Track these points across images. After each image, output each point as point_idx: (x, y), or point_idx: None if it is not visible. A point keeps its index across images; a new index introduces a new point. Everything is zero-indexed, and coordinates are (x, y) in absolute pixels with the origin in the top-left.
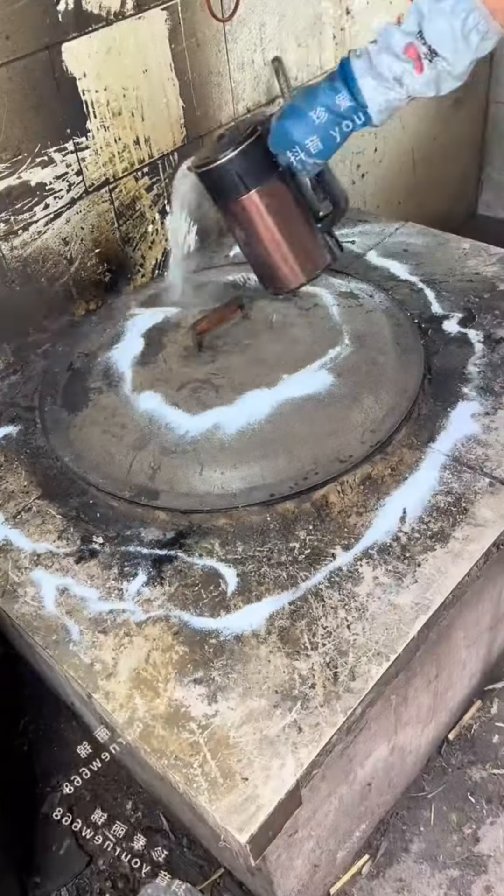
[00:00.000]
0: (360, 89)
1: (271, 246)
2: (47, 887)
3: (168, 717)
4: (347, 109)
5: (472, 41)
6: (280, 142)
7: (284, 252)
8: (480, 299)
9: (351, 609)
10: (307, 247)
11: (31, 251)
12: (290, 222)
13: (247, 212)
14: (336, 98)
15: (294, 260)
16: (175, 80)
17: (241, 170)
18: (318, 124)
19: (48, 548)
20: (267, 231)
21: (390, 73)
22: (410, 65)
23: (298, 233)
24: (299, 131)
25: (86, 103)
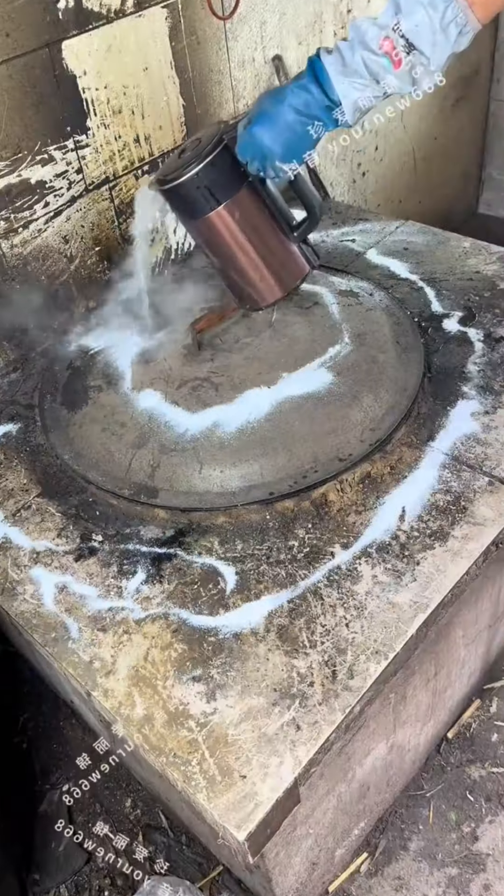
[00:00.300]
0: (333, 87)
1: (244, 262)
2: (46, 884)
3: (167, 715)
4: (320, 109)
5: (451, 34)
6: (249, 149)
7: (258, 268)
8: (480, 298)
9: (350, 607)
10: (282, 260)
11: (31, 249)
12: (262, 235)
13: (216, 228)
14: (307, 98)
15: (269, 276)
16: (175, 78)
17: (207, 184)
18: (288, 127)
19: (47, 545)
20: (238, 247)
21: (365, 69)
22: (386, 60)
23: (272, 246)
24: (269, 136)
25: (86, 101)
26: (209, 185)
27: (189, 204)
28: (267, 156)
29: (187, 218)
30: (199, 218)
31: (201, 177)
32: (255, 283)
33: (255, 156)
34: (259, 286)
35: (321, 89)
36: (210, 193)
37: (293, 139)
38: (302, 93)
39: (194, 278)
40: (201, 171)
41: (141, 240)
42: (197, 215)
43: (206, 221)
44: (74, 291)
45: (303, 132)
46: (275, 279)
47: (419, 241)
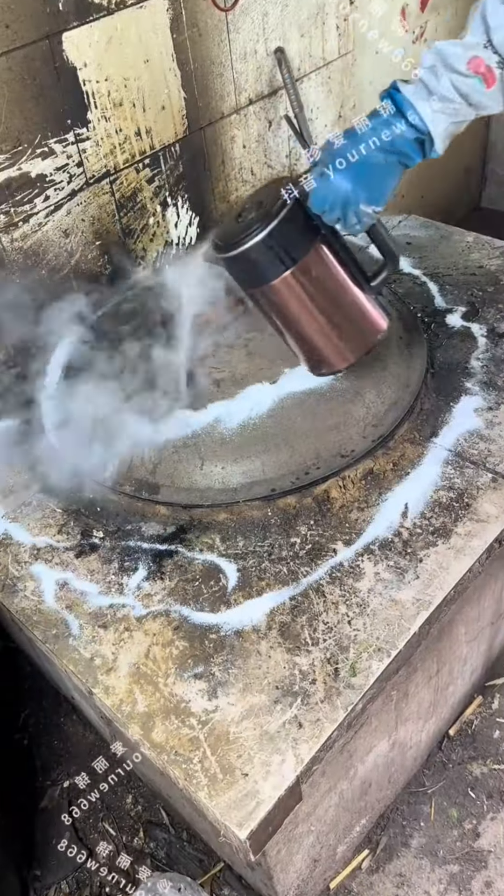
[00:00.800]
0: (420, 116)
1: (314, 329)
2: (47, 880)
3: (168, 712)
4: (406, 143)
5: None
6: (327, 200)
7: (332, 331)
8: (484, 293)
9: (352, 604)
10: (358, 320)
11: (31, 243)
12: (336, 293)
13: (288, 292)
14: (391, 133)
15: (344, 338)
16: (177, 71)
17: (281, 244)
18: (373, 167)
19: (48, 542)
20: (310, 313)
21: (455, 92)
22: (477, 79)
23: (347, 304)
24: (353, 180)
25: (86, 94)
26: (283, 245)
27: (258, 269)
28: (350, 202)
29: (255, 284)
30: (270, 283)
31: (275, 236)
32: (328, 347)
33: (336, 204)
34: (330, 350)
35: (406, 121)
36: (285, 253)
37: (378, 179)
38: (384, 129)
39: None
40: (275, 229)
41: (187, 320)
42: (268, 280)
43: (278, 286)
44: (75, 286)
45: (388, 170)
46: (350, 344)
47: (422, 235)
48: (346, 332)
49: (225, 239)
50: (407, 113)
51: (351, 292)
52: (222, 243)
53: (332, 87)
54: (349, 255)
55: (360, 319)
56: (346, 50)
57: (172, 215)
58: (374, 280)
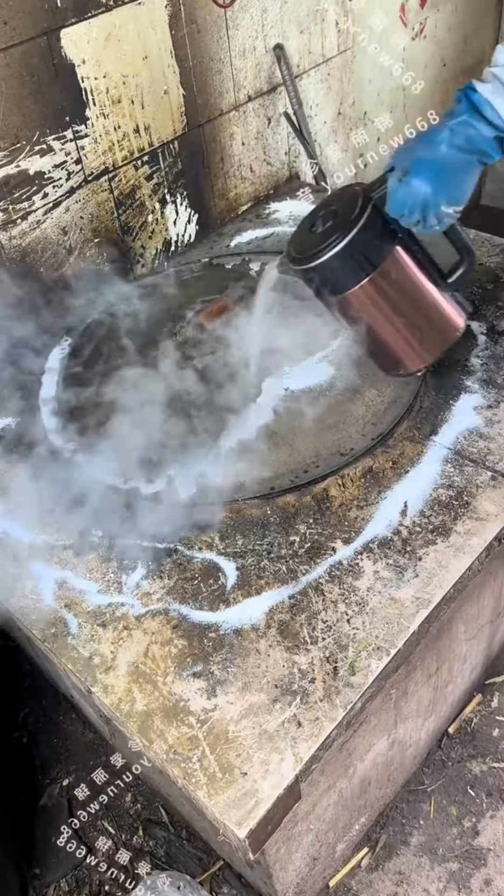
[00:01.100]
0: (499, 114)
1: (393, 332)
2: (47, 878)
3: (167, 711)
4: (486, 141)
5: None
6: (406, 204)
7: (410, 334)
8: (484, 290)
9: (351, 603)
10: (436, 319)
11: (29, 241)
12: (416, 296)
13: (365, 300)
14: (470, 133)
15: (423, 339)
16: (175, 67)
17: (361, 250)
18: (452, 168)
19: (47, 540)
20: (388, 316)
21: None
22: None
23: (426, 305)
24: (432, 182)
25: (85, 90)
26: (363, 252)
27: (338, 278)
28: (430, 204)
29: (336, 293)
30: (351, 290)
31: (355, 244)
32: (406, 349)
33: (416, 208)
34: (411, 351)
35: (485, 120)
36: (365, 260)
37: (458, 180)
38: (463, 129)
39: None
40: (355, 237)
41: None
42: (348, 287)
43: (358, 293)
44: (73, 284)
45: (467, 170)
46: (428, 341)
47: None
48: (424, 333)
49: (302, 250)
50: (485, 111)
51: (429, 293)
52: (300, 255)
53: (331, 84)
54: (426, 256)
55: (437, 319)
56: (345, 46)
57: (171, 213)
58: (451, 277)
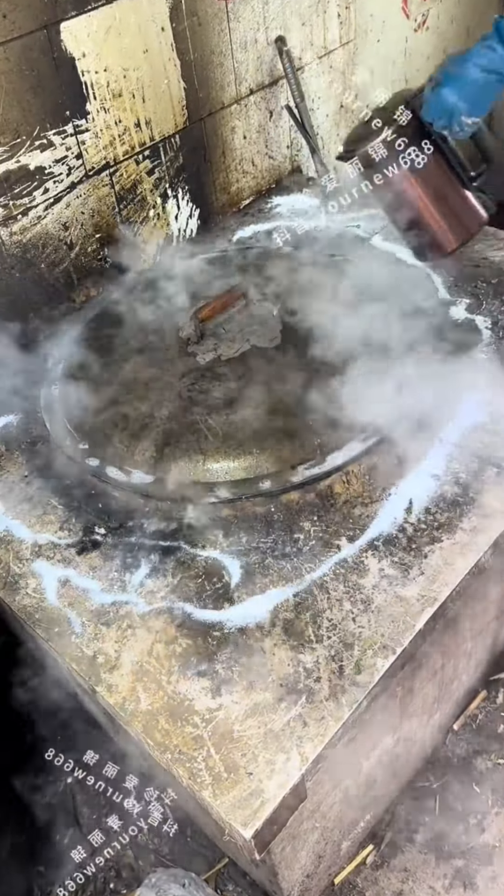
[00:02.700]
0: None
1: (426, 214)
2: (51, 876)
3: (171, 711)
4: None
5: None
6: (437, 109)
7: (441, 218)
8: (488, 285)
9: (356, 601)
10: (462, 210)
11: (30, 236)
12: (445, 187)
13: (403, 184)
14: (492, 56)
15: (450, 225)
16: (176, 61)
17: (400, 142)
18: (474, 84)
19: (50, 538)
20: (422, 201)
21: None
22: None
23: (453, 195)
24: (456, 95)
25: (85, 84)
26: (403, 143)
27: (378, 165)
28: (454, 112)
29: (379, 175)
30: (392, 175)
31: (395, 137)
32: (437, 231)
33: (443, 114)
34: (441, 233)
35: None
36: (404, 150)
37: (478, 95)
38: (487, 52)
39: None
40: (395, 131)
41: None
42: (389, 172)
43: (398, 177)
44: (75, 279)
45: (487, 88)
46: (455, 227)
47: None
48: (451, 220)
49: (354, 140)
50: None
51: (456, 186)
52: (352, 144)
53: (333, 76)
54: (456, 158)
55: (463, 209)
56: (347, 39)
57: (173, 207)
58: (476, 179)
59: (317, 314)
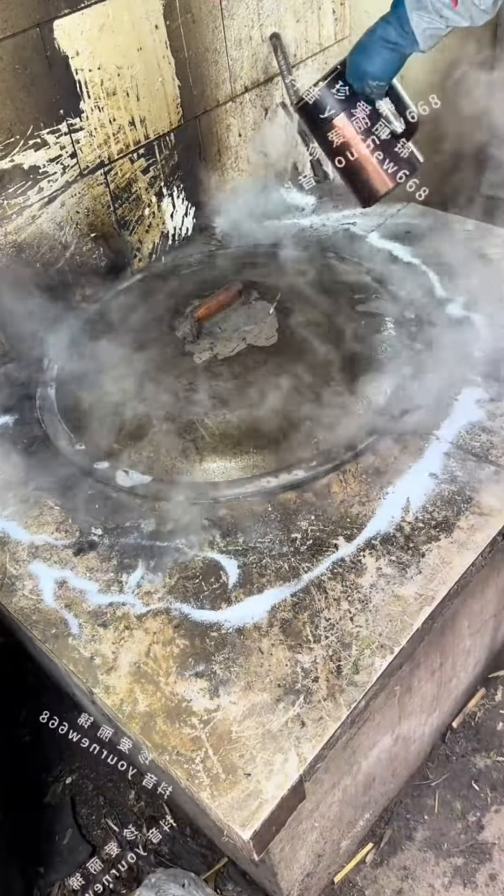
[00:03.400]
0: (408, 20)
1: (360, 159)
2: (51, 877)
3: (169, 712)
4: (399, 37)
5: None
6: (352, 72)
7: (373, 164)
8: (483, 281)
9: (354, 601)
10: (390, 158)
11: (25, 236)
12: (373, 138)
13: (338, 133)
14: (389, 29)
15: (380, 169)
16: (171, 59)
17: (328, 100)
18: (377, 52)
19: (46, 540)
20: (354, 147)
21: (432, 6)
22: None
23: (381, 146)
24: (364, 61)
25: (79, 83)
26: (329, 102)
27: (317, 116)
28: (363, 76)
29: (316, 127)
30: (325, 126)
31: (324, 94)
32: (370, 177)
33: (356, 77)
34: (374, 179)
35: (399, 21)
36: (329, 107)
37: (381, 61)
38: (386, 25)
39: None
40: (323, 88)
41: None
42: (323, 125)
43: (331, 126)
44: (70, 279)
45: (388, 56)
46: (385, 174)
47: (421, 223)
48: (383, 165)
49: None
50: (401, 16)
51: (383, 140)
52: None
53: None
54: (380, 116)
55: (391, 159)
56: (342, 35)
57: (168, 206)
58: (402, 136)
59: (312, 313)
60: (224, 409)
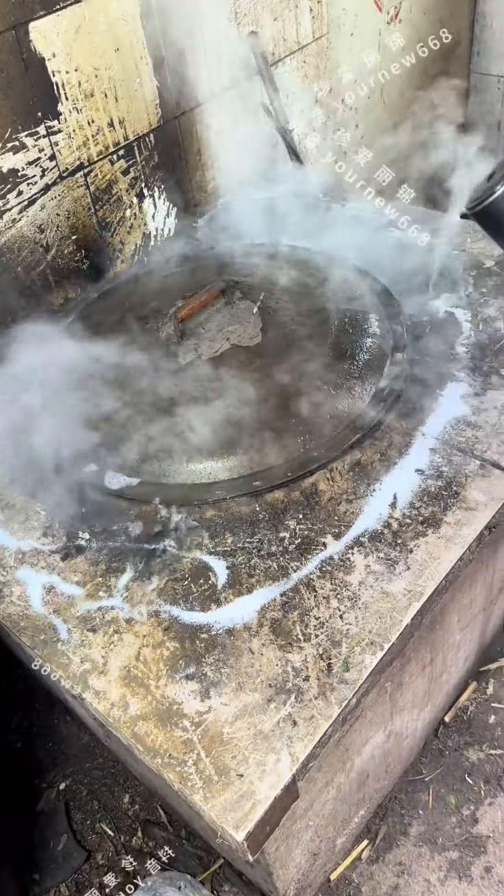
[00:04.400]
0: None
1: None
2: (47, 884)
3: (160, 715)
4: None
5: None
6: None
7: None
8: (468, 277)
9: (343, 598)
10: None
11: (5, 240)
12: None
13: None
14: None
15: None
16: (148, 59)
17: None
18: None
19: (33, 545)
20: None
21: None
22: None
23: None
24: None
25: (56, 85)
26: None
27: None
28: None
29: None
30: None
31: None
32: None
33: None
34: None
35: None
36: None
37: None
38: None
39: None
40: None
41: None
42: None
43: None
44: (52, 282)
45: None
46: None
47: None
48: None
49: (475, 197)
50: None
51: None
52: (472, 202)
53: (307, 71)
54: None
55: None
56: (320, 33)
57: (149, 206)
58: None
59: (297, 311)
60: (209, 409)
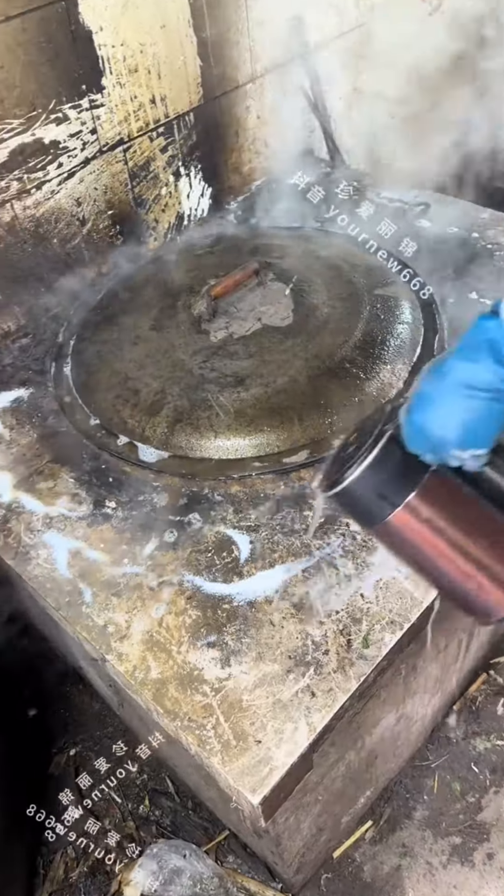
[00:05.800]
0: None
1: (450, 568)
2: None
3: (181, 679)
4: (501, 381)
5: None
6: (417, 442)
7: (473, 573)
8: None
9: (364, 578)
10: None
11: (43, 211)
12: (470, 531)
13: (402, 533)
14: (479, 371)
15: (491, 581)
16: (193, 37)
17: (377, 484)
18: (461, 408)
19: (60, 511)
20: (437, 549)
21: None
22: None
23: (487, 533)
24: (436, 423)
25: (102, 59)
26: (380, 486)
27: (361, 509)
28: (438, 445)
29: (368, 524)
30: (377, 525)
31: (367, 478)
32: (473, 592)
33: (425, 447)
34: (481, 595)
35: (497, 360)
36: (379, 496)
37: (471, 421)
38: (469, 365)
39: None
40: (365, 471)
41: None
42: (374, 522)
43: (388, 527)
44: (86, 255)
45: (483, 411)
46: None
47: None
48: (494, 572)
49: (329, 474)
50: (498, 349)
51: (490, 520)
52: (327, 479)
53: (348, 58)
54: (489, 485)
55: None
56: (363, 21)
57: (185, 185)
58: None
59: (328, 295)
60: (239, 387)
